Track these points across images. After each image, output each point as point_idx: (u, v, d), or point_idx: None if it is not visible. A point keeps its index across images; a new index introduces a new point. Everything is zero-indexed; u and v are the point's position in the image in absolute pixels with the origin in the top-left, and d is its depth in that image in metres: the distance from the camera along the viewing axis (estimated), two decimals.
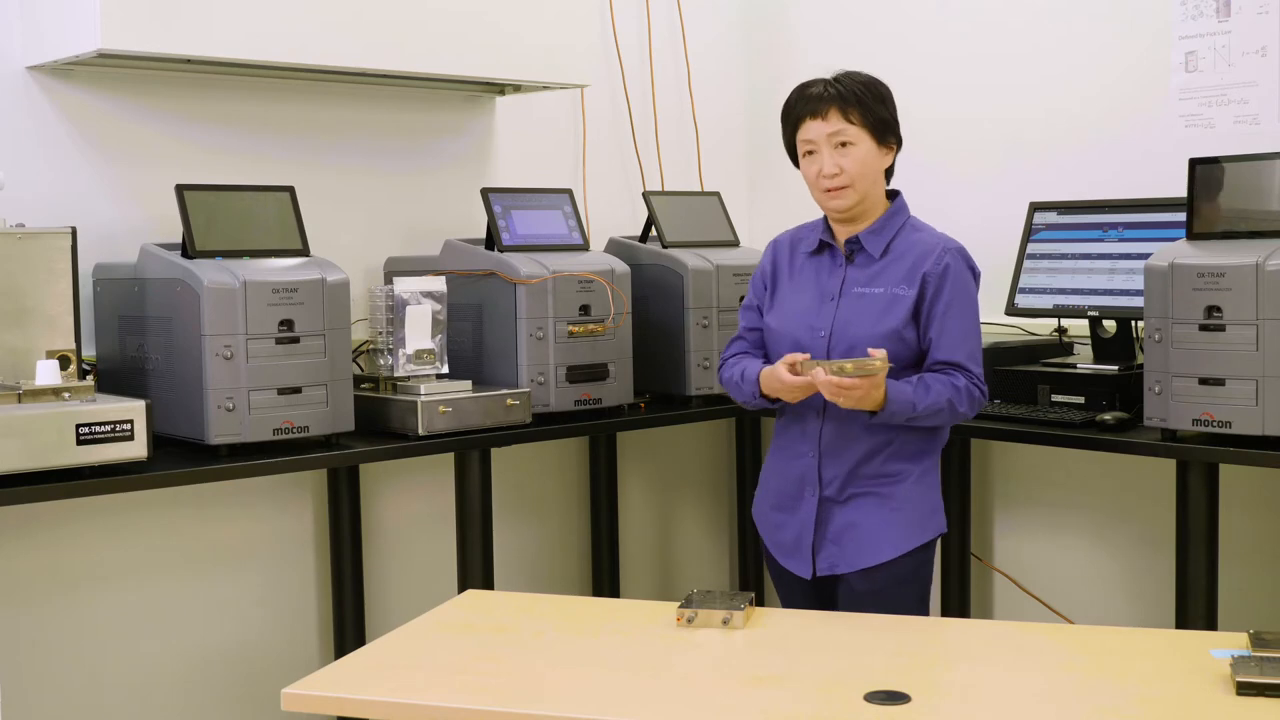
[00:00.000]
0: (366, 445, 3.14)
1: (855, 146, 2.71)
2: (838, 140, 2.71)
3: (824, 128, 2.72)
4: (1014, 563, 3.97)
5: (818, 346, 2.73)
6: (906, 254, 2.75)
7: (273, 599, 3.58)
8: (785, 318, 2.82)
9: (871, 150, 2.73)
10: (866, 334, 2.70)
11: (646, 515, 4.35)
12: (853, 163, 2.71)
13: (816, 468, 2.76)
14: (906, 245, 2.76)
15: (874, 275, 2.75)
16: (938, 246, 2.75)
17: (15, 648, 3.16)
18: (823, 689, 2.07)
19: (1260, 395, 2.83)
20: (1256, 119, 3.46)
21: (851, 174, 2.71)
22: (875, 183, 2.76)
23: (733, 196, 4.11)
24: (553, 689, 2.11)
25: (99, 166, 3.29)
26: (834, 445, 2.75)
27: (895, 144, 2.78)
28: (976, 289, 2.78)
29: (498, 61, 3.60)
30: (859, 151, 2.71)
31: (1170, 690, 2.03)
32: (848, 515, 2.74)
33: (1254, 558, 3.46)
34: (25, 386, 2.70)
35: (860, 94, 2.72)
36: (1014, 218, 3.72)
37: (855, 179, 2.72)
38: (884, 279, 2.74)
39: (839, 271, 2.79)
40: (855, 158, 2.71)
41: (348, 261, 3.24)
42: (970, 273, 2.77)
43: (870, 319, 2.72)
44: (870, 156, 2.73)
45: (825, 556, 2.75)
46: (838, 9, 4.32)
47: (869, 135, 2.72)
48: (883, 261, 2.76)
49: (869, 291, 2.74)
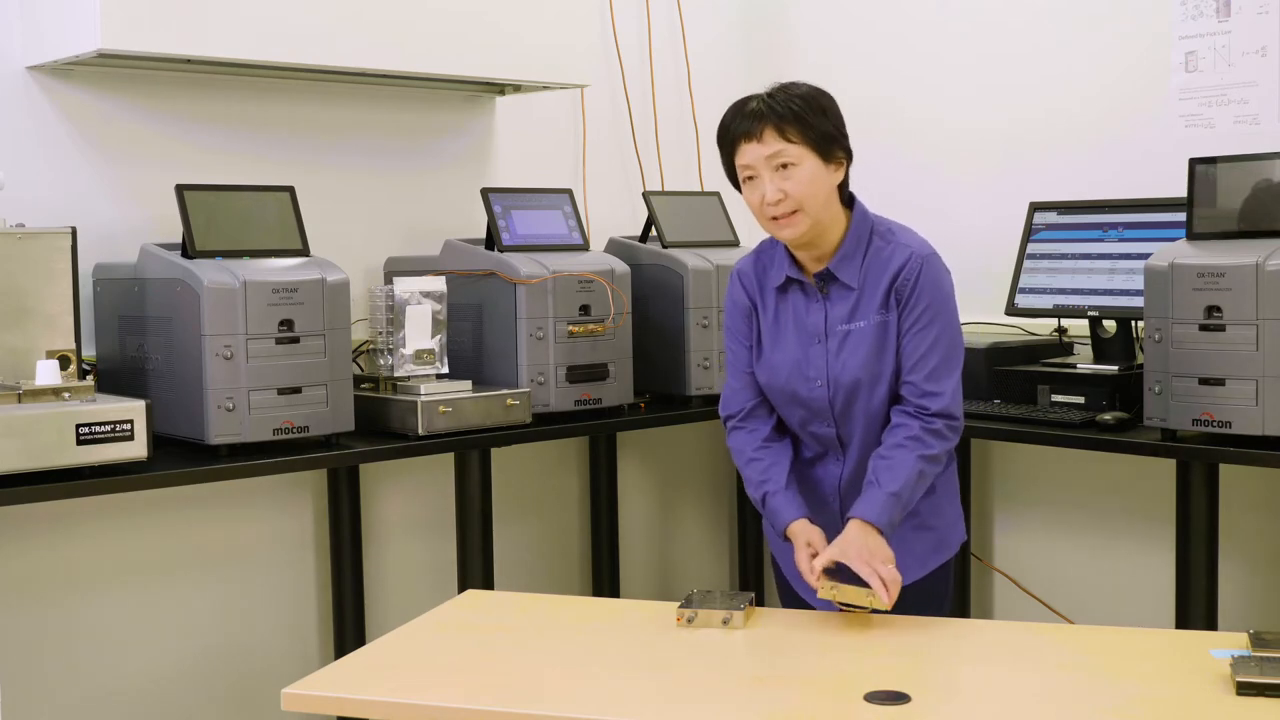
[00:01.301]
0: (366, 445, 3.14)
1: (798, 168, 2.43)
2: (777, 163, 2.43)
3: (761, 150, 2.44)
4: (1014, 563, 3.97)
5: (818, 397, 2.54)
6: (881, 274, 2.51)
7: (273, 599, 3.58)
8: (775, 372, 2.59)
9: (817, 169, 2.44)
10: (869, 378, 2.51)
11: (646, 515, 4.35)
12: (796, 185, 2.43)
13: (838, 508, 2.59)
14: (880, 263, 2.51)
15: (854, 307, 2.52)
16: (910, 256, 2.50)
17: (15, 648, 3.16)
18: (823, 689, 2.07)
19: (1260, 395, 2.83)
20: (1256, 119, 3.46)
21: (797, 198, 2.43)
22: (827, 203, 2.47)
23: (733, 196, 4.09)
24: (553, 689, 2.11)
25: (99, 166, 3.29)
26: (854, 486, 2.55)
27: (844, 158, 2.50)
28: (951, 296, 2.55)
29: (498, 61, 3.59)
30: (802, 173, 2.43)
31: (1170, 690, 2.03)
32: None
33: (1254, 558, 3.46)
34: (25, 386, 2.70)
35: (798, 109, 2.43)
36: (1014, 218, 3.72)
37: (803, 202, 2.44)
38: (864, 308, 2.51)
39: (817, 308, 2.55)
40: (799, 180, 2.43)
41: (348, 261, 3.23)
42: (942, 280, 2.52)
43: (867, 360, 2.51)
44: (816, 176, 2.44)
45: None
46: (838, 9, 4.33)
47: (812, 153, 2.44)
48: (859, 290, 2.52)
49: (854, 327, 2.52)
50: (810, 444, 2.63)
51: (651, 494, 4.36)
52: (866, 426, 2.55)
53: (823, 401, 2.55)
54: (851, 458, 2.59)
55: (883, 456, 2.48)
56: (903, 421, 2.49)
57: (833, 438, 2.58)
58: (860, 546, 2.38)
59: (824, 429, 2.58)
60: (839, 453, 2.60)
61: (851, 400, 2.53)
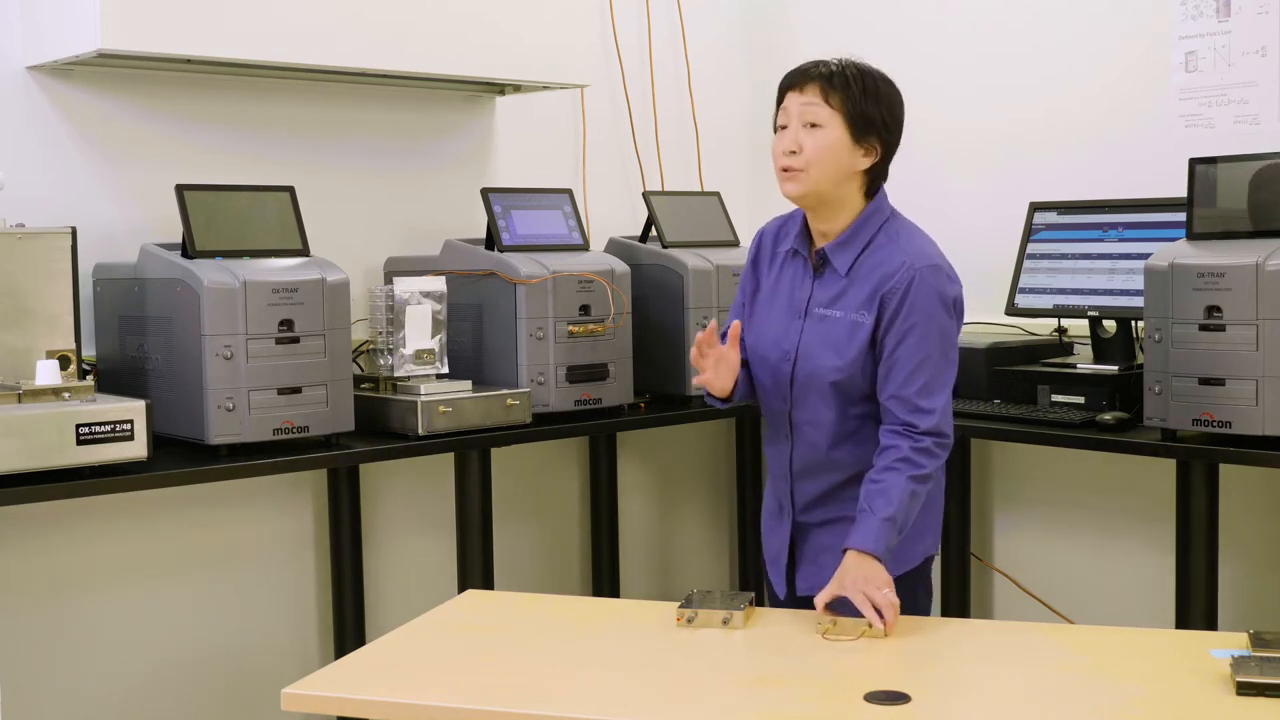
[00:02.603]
0: (366, 445, 3.14)
1: (823, 130, 2.45)
2: (808, 119, 2.46)
3: (799, 99, 2.47)
4: (1014, 563, 3.97)
5: (783, 370, 2.56)
6: (871, 273, 2.48)
7: (273, 599, 3.58)
8: (759, 334, 2.62)
9: (841, 140, 2.45)
10: (827, 367, 2.50)
11: (646, 515, 4.35)
12: (814, 145, 2.45)
13: (789, 491, 2.63)
14: (874, 263, 2.49)
15: (836, 296, 2.52)
16: (902, 265, 2.46)
17: (15, 648, 3.16)
18: (823, 689, 2.07)
19: (1260, 395, 2.83)
20: (1256, 119, 3.46)
21: (808, 157, 2.44)
22: (838, 179, 2.47)
23: (733, 196, 4.11)
24: (553, 689, 2.11)
25: (99, 166, 3.29)
26: (804, 472, 2.60)
27: (879, 147, 2.49)
28: (948, 311, 2.48)
29: (498, 61, 3.60)
30: (825, 136, 2.45)
31: (1170, 690, 2.03)
32: (824, 539, 2.58)
33: (1254, 558, 3.46)
34: (25, 386, 2.70)
35: (849, 79, 2.46)
36: (1014, 218, 3.72)
37: (811, 164, 2.45)
38: (845, 301, 2.50)
39: (806, 285, 2.56)
40: (819, 141, 2.44)
41: (348, 261, 3.24)
42: (937, 295, 2.46)
43: (831, 349, 2.50)
44: (838, 146, 2.45)
45: (805, 576, 2.63)
46: (838, 9, 4.33)
47: (843, 124, 2.45)
48: (847, 280, 2.51)
49: (830, 314, 2.51)
50: (770, 420, 2.65)
51: (651, 494, 4.36)
52: (814, 415, 2.55)
53: (785, 375, 2.56)
54: (797, 443, 2.59)
55: (874, 480, 2.45)
56: (893, 443, 2.45)
57: (784, 415, 2.59)
58: (856, 575, 2.36)
59: (779, 404, 2.59)
60: (788, 433, 2.60)
61: (808, 384, 2.53)
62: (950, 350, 2.50)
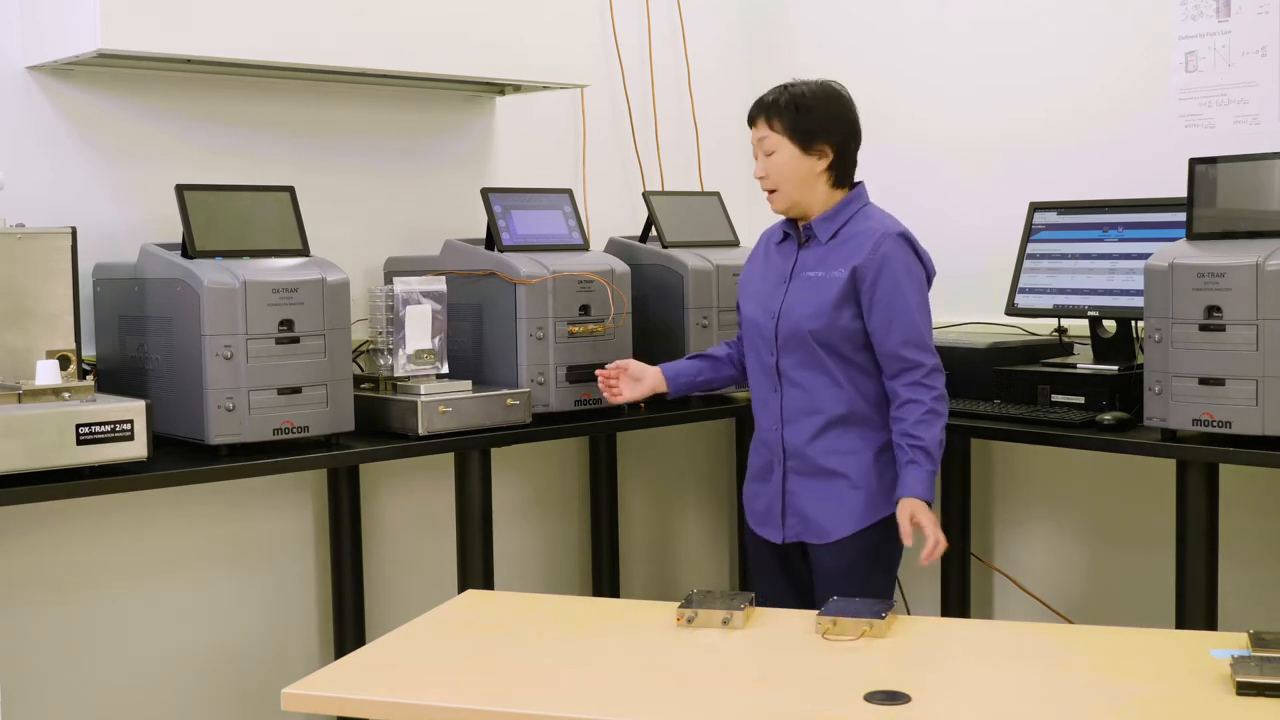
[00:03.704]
0: (366, 445, 3.14)
1: (777, 153, 2.91)
2: (764, 149, 2.93)
3: (755, 135, 2.95)
4: (1014, 563, 3.97)
5: (768, 329, 2.95)
6: (851, 239, 2.91)
7: (273, 599, 3.58)
8: (749, 301, 3.04)
9: (793, 156, 2.90)
10: (802, 315, 2.90)
11: (646, 515, 4.35)
12: (774, 168, 2.92)
13: (780, 436, 2.97)
14: (853, 231, 2.92)
15: (820, 259, 2.93)
16: (876, 233, 2.89)
17: (15, 648, 3.16)
18: (823, 689, 2.07)
19: (1260, 395, 2.83)
20: (1256, 119, 3.46)
21: (774, 178, 2.93)
22: (804, 187, 2.92)
23: (733, 196, 4.11)
24: (553, 689, 2.11)
25: (99, 166, 3.29)
26: (793, 417, 2.95)
27: (829, 149, 2.90)
28: (922, 271, 2.91)
29: (498, 61, 3.60)
30: (779, 158, 2.91)
31: (1170, 690, 2.03)
32: (810, 489, 2.94)
33: (1254, 558, 3.46)
34: (25, 386, 2.70)
35: (784, 104, 2.90)
36: (1014, 218, 3.72)
37: (779, 183, 2.92)
38: (828, 263, 2.91)
39: (793, 255, 2.98)
40: (775, 164, 2.92)
41: (348, 261, 3.23)
42: (912, 254, 2.89)
43: (809, 304, 2.90)
44: (793, 163, 2.90)
45: (791, 525, 2.98)
46: (838, 9, 4.33)
47: (790, 142, 2.90)
48: (830, 245, 2.93)
49: (813, 275, 2.92)
50: (757, 376, 3.03)
51: (651, 494, 4.36)
52: (799, 361, 2.92)
53: (770, 330, 2.95)
54: (786, 390, 2.96)
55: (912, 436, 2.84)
56: (914, 397, 2.85)
57: (772, 366, 2.97)
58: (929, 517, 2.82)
59: (769, 357, 2.97)
60: (776, 384, 2.97)
61: (791, 335, 2.92)
62: (925, 298, 2.93)
